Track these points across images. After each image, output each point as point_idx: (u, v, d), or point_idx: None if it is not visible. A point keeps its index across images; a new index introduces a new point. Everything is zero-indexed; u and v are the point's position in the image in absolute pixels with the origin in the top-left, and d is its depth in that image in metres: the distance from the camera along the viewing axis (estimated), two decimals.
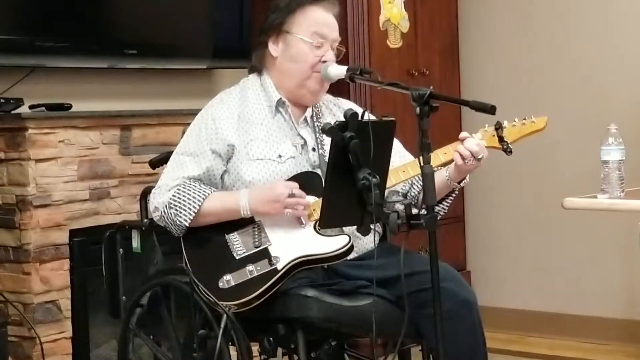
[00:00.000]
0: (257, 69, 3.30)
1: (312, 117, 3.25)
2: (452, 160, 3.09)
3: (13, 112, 4.03)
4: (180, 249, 3.15)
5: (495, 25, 5.57)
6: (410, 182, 3.24)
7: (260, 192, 3.04)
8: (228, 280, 2.99)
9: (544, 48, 5.38)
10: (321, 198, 2.83)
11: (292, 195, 2.99)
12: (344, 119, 2.67)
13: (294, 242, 3.01)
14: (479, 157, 3.03)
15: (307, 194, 3.06)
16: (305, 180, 3.09)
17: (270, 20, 3.24)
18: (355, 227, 2.78)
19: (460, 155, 3.02)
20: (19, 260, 4.01)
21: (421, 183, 3.15)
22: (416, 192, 3.23)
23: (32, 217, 4.00)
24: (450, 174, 3.11)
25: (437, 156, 3.09)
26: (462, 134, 3.08)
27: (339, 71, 3.11)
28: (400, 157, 3.16)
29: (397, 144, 3.12)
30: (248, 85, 3.28)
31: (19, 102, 4.06)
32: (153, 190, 3.20)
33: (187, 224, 3.08)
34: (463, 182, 3.17)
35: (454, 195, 3.20)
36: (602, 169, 3.19)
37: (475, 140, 3.05)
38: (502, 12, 5.54)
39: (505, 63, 5.53)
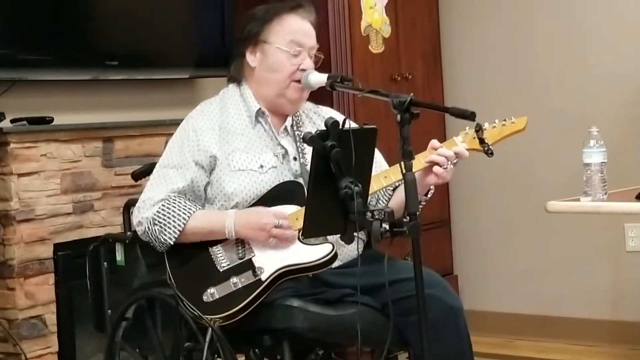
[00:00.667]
0: (235, 79, 3.29)
1: (292, 126, 3.24)
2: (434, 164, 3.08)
3: None
4: (164, 261, 3.14)
5: (476, 29, 5.57)
6: (376, 197, 3.24)
7: (248, 216, 3.03)
8: (212, 293, 2.98)
9: (526, 51, 5.38)
10: (304, 207, 2.82)
11: (279, 226, 2.97)
12: (324, 128, 2.66)
13: (277, 253, 3.00)
14: (455, 161, 3.03)
15: (290, 203, 3.06)
16: (287, 190, 3.09)
17: (248, 30, 3.23)
18: (339, 235, 2.77)
19: (436, 163, 3.01)
20: (3, 275, 4.00)
21: (387, 195, 3.19)
22: (383, 206, 3.21)
23: (16, 231, 3.99)
24: None
25: (419, 160, 3.08)
26: (434, 142, 3.07)
27: (319, 79, 3.11)
28: (379, 168, 3.14)
29: (376, 153, 3.11)
30: (228, 96, 3.27)
31: (0, 116, 4.04)
32: (137, 205, 3.18)
33: (172, 242, 3.07)
34: (429, 193, 3.16)
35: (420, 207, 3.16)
36: (584, 172, 3.19)
37: (448, 150, 3.05)
38: (483, 16, 5.54)
39: (488, 67, 5.54)
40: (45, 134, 4.13)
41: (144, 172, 3.55)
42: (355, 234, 2.70)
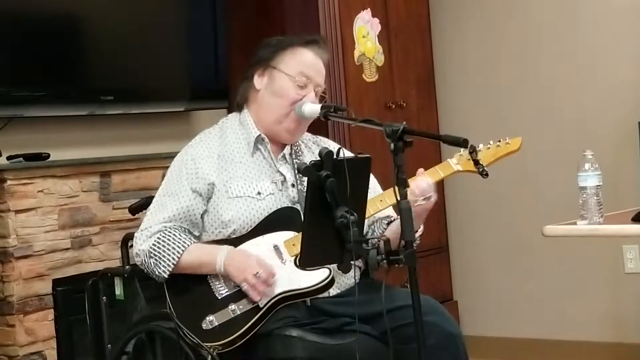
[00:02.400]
0: (239, 104, 3.32)
1: (290, 154, 3.26)
2: None
3: None
4: (164, 293, 3.14)
5: (470, 54, 5.60)
6: (371, 229, 3.25)
7: (238, 254, 3.04)
8: (211, 320, 2.99)
9: (519, 76, 5.41)
10: (300, 233, 2.83)
11: (258, 276, 2.97)
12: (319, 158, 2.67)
13: (274, 279, 3.01)
14: (428, 195, 3.02)
15: (287, 229, 3.08)
16: (284, 216, 3.11)
17: (260, 54, 3.27)
18: (336, 264, 2.77)
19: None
20: (3, 312, 4.00)
21: (382, 229, 3.20)
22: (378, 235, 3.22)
23: (14, 268, 3.99)
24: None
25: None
26: (420, 170, 3.08)
27: (313, 109, 3.12)
28: (373, 194, 3.15)
29: (372, 180, 3.12)
30: (227, 125, 3.30)
31: None
32: (136, 233, 3.19)
33: (166, 275, 3.08)
34: (419, 230, 3.13)
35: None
36: (580, 195, 3.20)
37: (425, 179, 3.05)
38: (476, 42, 5.57)
39: (482, 92, 5.56)
40: (41, 170, 4.14)
41: (141, 206, 3.56)
42: (352, 262, 2.71)
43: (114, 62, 4.55)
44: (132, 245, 3.27)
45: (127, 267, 3.56)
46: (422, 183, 3.02)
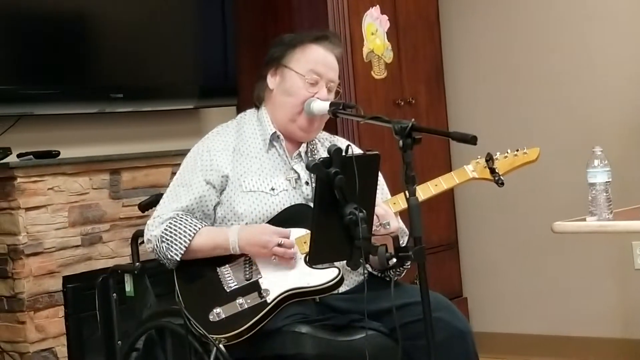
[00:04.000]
0: (256, 102, 3.34)
1: (306, 152, 3.27)
2: (443, 192, 3.10)
3: (1, 161, 4.03)
4: (173, 289, 3.15)
5: (479, 51, 5.59)
6: None
7: (250, 233, 3.06)
8: (218, 313, 3.01)
9: (528, 73, 5.40)
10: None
11: (281, 245, 3.00)
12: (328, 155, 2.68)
13: (284, 275, 3.03)
14: (384, 222, 2.96)
15: (299, 226, 3.08)
16: (297, 213, 3.12)
17: (272, 54, 3.29)
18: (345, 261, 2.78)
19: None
20: (13, 309, 4.01)
21: None
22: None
23: (25, 265, 4.00)
24: None
25: (428, 187, 3.11)
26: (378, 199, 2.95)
27: (322, 107, 3.14)
28: (381, 196, 3.16)
29: (380, 180, 3.12)
30: (245, 120, 3.32)
31: (6, 151, 4.06)
32: (148, 221, 3.22)
33: (178, 259, 3.10)
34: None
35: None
36: (589, 192, 3.20)
37: (381, 205, 3.01)
38: (485, 39, 5.56)
39: (491, 89, 5.55)
40: (51, 167, 4.15)
41: (151, 203, 3.57)
42: (361, 259, 2.71)
43: (123, 60, 4.56)
44: (142, 242, 3.29)
45: (137, 264, 3.57)
46: (378, 209, 2.92)
